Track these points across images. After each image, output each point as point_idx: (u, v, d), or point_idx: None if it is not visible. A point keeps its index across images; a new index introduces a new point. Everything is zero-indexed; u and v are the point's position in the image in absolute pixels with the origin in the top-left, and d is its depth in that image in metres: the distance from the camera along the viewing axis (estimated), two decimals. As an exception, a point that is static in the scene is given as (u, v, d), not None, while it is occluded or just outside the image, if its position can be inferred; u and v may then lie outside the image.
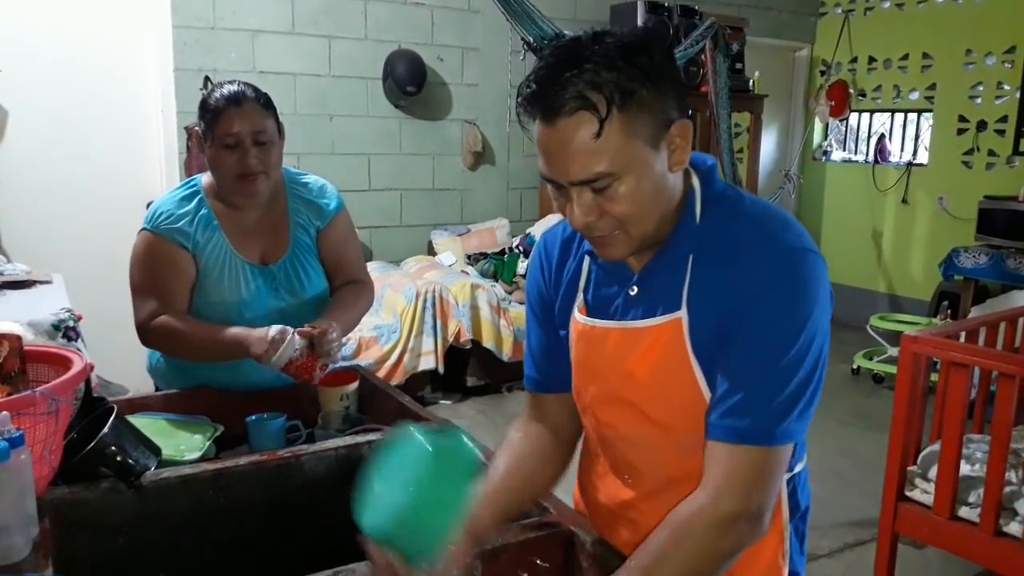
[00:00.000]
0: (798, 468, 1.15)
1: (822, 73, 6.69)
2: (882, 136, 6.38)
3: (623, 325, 1.08)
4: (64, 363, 1.38)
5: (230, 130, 1.73)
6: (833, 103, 6.45)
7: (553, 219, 5.49)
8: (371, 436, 1.58)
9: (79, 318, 3.57)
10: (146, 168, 4.53)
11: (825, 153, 6.83)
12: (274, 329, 1.68)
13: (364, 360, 4.35)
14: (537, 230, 5.36)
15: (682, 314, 1.02)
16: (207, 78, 4.34)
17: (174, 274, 1.81)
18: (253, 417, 1.75)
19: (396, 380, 4.38)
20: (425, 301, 4.48)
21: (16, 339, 1.37)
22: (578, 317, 1.14)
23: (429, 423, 1.64)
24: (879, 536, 2.71)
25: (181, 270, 1.81)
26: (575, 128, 0.92)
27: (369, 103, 5.01)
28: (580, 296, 1.14)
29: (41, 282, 3.50)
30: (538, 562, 1.20)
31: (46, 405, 1.17)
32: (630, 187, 0.96)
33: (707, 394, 1.02)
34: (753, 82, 5.72)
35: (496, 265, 5.11)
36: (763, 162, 6.11)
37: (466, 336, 4.56)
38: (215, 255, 1.83)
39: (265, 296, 1.87)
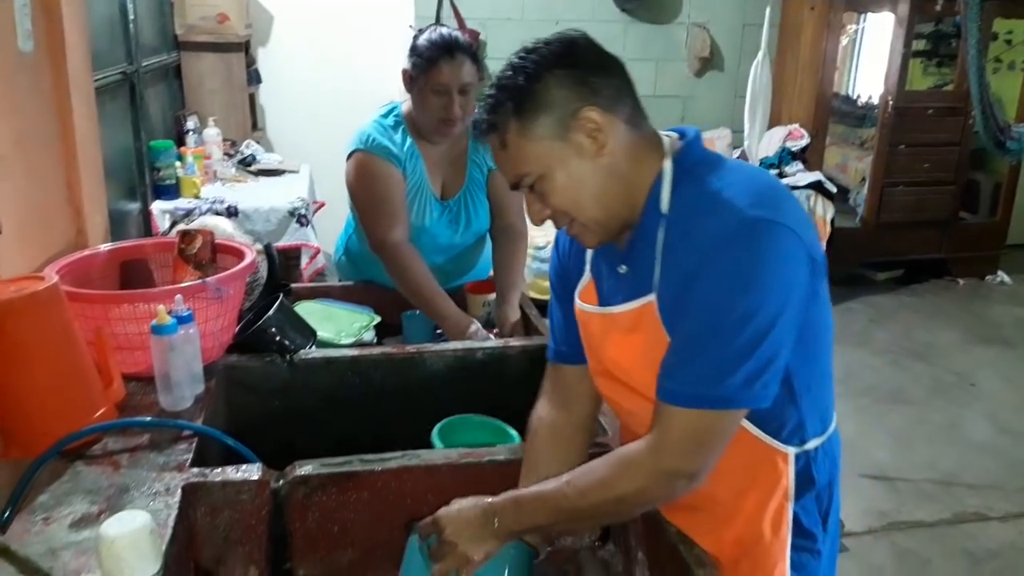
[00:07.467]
0: (812, 444, 1.11)
1: None
2: None
3: (602, 311, 1.13)
4: (242, 256, 1.68)
5: (441, 79, 1.85)
6: None
7: (780, 132, 5.20)
8: (485, 344, 1.78)
9: (321, 205, 4.07)
10: (390, 74, 4.92)
11: None
12: (473, 328, 1.82)
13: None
14: (765, 144, 5.10)
15: (652, 298, 1.04)
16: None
17: (394, 188, 1.94)
18: (408, 312, 2.02)
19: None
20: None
21: (208, 233, 1.70)
22: (577, 302, 1.19)
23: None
24: (1061, 507, 2.51)
25: (399, 185, 1.95)
26: (493, 144, 1.07)
27: (595, 6, 5.01)
28: (587, 270, 1.19)
29: (290, 171, 4.03)
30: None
31: (213, 292, 1.48)
32: (555, 182, 1.03)
33: None
34: (1036, -18, 4.90)
35: (712, 177, 4.99)
36: (1044, 76, 5.27)
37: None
38: (414, 182, 1.99)
39: (442, 227, 2.06)
